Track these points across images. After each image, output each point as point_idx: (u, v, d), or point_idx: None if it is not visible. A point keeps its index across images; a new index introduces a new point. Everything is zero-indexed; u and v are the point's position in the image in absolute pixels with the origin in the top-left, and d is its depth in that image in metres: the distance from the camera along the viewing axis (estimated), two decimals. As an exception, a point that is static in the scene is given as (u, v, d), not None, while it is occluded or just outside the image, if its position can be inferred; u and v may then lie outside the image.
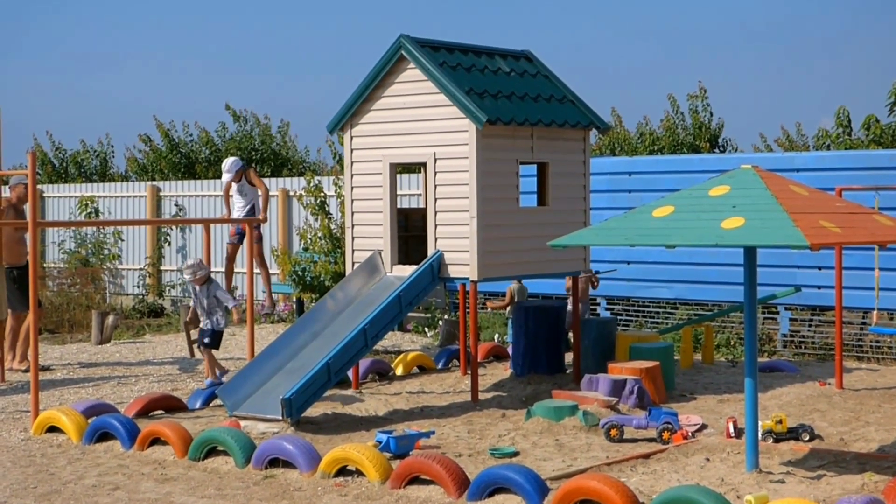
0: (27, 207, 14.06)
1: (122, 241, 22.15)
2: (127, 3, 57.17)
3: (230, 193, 14.05)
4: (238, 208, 13.81)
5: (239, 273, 19.11)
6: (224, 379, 11.44)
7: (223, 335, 11.85)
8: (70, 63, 56.30)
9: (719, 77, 46.87)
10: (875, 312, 12.58)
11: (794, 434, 9.01)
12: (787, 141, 23.42)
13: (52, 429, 10.02)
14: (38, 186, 23.74)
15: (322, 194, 16.68)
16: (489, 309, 15.10)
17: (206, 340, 11.62)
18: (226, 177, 13.72)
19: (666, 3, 52.94)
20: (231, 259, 14.36)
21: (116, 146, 31.16)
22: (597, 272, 13.68)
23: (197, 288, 11.58)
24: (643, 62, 49.98)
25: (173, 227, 21.78)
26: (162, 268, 21.83)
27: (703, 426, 9.63)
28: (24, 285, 12.79)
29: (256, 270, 14.05)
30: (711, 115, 23.29)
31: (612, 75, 48.44)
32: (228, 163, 13.82)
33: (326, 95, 53.53)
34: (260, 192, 13.76)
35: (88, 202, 22.45)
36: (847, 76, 44.31)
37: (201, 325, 11.71)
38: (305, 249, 16.70)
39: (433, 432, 9.40)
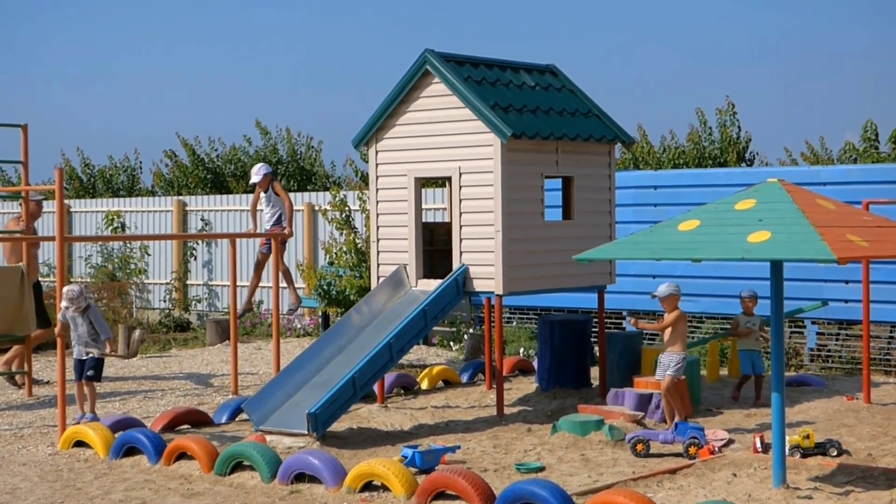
0: (38, 224, 14.34)
1: (149, 255, 22.23)
2: (151, 18, 57.57)
3: (258, 199, 14.09)
4: (267, 218, 13.87)
5: (265, 287, 19.17)
6: (88, 416, 10.84)
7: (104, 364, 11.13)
8: (98, 77, 56.72)
9: (744, 90, 46.77)
10: (903, 326, 12.52)
11: (821, 449, 8.96)
12: (812, 155, 23.34)
13: (79, 443, 10.05)
14: (66, 201, 23.88)
15: (347, 209, 16.71)
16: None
17: (90, 373, 10.88)
18: (254, 179, 13.78)
19: (689, 16, 52.89)
20: (260, 267, 14.34)
21: (144, 161, 31.31)
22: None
23: (75, 315, 10.78)
24: (668, 76, 49.93)
25: (199, 242, 21.87)
26: (188, 282, 21.91)
27: (730, 441, 9.59)
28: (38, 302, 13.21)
29: (283, 285, 14.08)
30: (740, 129, 23.24)
31: (637, 89, 48.41)
32: (257, 167, 13.91)
33: (351, 110, 53.67)
34: (284, 205, 13.81)
35: (115, 217, 22.58)
36: (874, 90, 44.13)
37: (76, 354, 10.87)
38: (331, 264, 16.73)
39: (459, 447, 9.38)
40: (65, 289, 10.74)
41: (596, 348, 13.35)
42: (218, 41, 58.57)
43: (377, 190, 11.77)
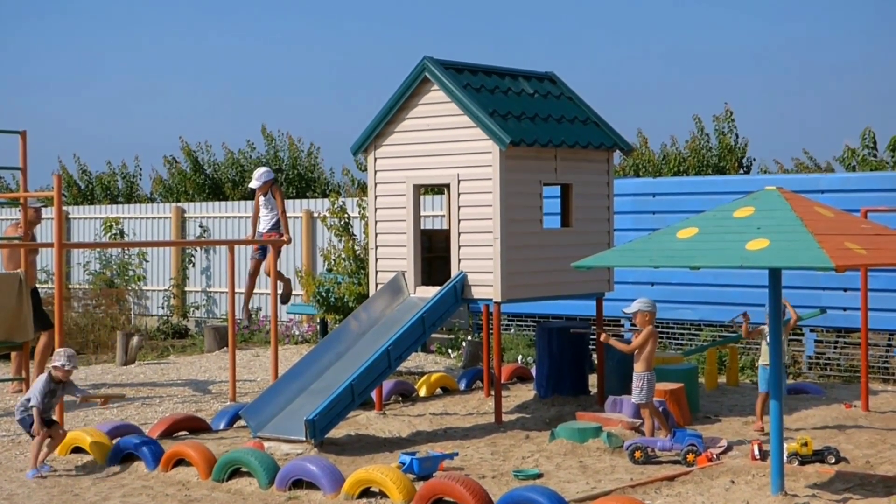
0: (37, 230, 14.40)
1: (147, 262, 22.25)
2: (153, 23, 57.62)
3: (259, 205, 14.10)
4: (265, 221, 13.90)
5: (262, 293, 19.16)
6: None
7: None
8: (97, 83, 56.75)
9: (743, 98, 46.83)
10: (901, 334, 12.52)
11: (819, 457, 8.96)
12: (805, 165, 23.40)
13: (77, 450, 10.04)
14: (64, 208, 23.89)
15: (346, 215, 16.72)
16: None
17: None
18: (254, 183, 13.80)
19: (689, 24, 52.96)
20: (254, 275, 14.40)
21: (144, 168, 31.39)
22: None
23: (62, 383, 9.67)
24: (667, 83, 50.00)
25: (198, 249, 21.86)
26: (186, 289, 21.90)
27: (728, 448, 9.58)
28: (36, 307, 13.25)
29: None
30: (738, 136, 23.27)
31: (637, 97, 48.46)
32: (258, 172, 13.94)
33: (349, 117, 53.72)
34: (278, 210, 13.82)
35: (113, 223, 22.58)
36: (872, 98, 44.19)
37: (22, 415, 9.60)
38: (329, 270, 16.73)
39: (457, 454, 9.39)
40: (62, 349, 9.81)
41: (594, 356, 13.35)
42: (219, 45, 58.62)
43: (376, 197, 11.77)
